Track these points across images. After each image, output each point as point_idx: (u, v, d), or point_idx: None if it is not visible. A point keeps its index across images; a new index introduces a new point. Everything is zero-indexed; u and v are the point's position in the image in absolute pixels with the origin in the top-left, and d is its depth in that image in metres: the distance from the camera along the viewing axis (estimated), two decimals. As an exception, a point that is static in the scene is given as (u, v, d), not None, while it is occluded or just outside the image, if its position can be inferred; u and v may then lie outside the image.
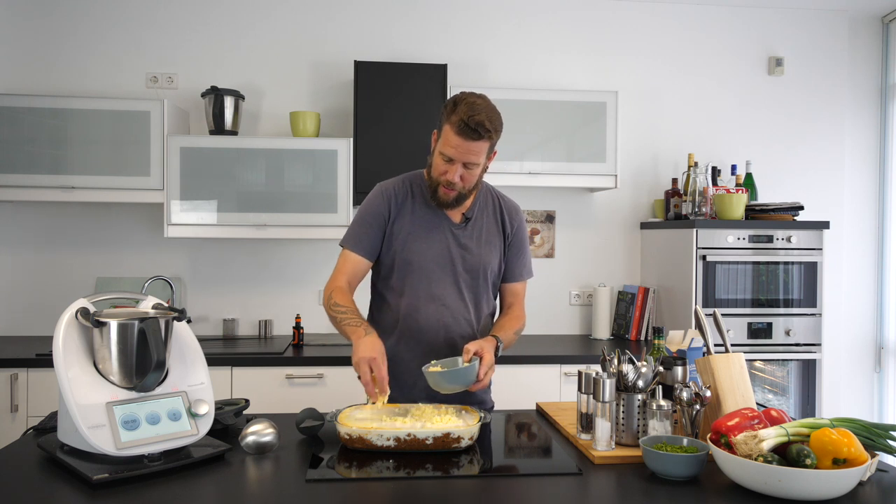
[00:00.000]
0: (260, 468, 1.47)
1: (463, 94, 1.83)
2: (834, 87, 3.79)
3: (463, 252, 1.95)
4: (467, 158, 1.81)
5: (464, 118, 1.76)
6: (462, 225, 1.97)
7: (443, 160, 1.83)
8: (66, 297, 3.34)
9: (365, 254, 1.94)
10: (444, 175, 1.84)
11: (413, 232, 1.93)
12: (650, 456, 1.41)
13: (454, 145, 1.79)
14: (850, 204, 3.84)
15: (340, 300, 1.85)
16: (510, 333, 1.96)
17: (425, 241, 1.93)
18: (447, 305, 1.93)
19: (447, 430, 1.53)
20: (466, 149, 1.79)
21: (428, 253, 1.92)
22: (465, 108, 1.77)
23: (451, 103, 1.81)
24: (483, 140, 1.79)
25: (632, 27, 3.68)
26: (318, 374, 2.95)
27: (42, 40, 3.39)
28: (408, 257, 1.92)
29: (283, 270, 3.53)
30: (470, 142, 1.78)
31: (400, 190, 1.96)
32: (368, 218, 1.94)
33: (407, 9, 3.57)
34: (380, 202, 1.94)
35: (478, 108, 1.77)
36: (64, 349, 1.41)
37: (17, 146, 3.05)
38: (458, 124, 1.77)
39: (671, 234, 3.38)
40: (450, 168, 1.83)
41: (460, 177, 1.84)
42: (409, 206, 1.94)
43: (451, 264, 1.94)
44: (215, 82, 3.42)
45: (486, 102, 1.81)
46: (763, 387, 3.32)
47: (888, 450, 1.42)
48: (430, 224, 1.94)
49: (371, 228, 1.93)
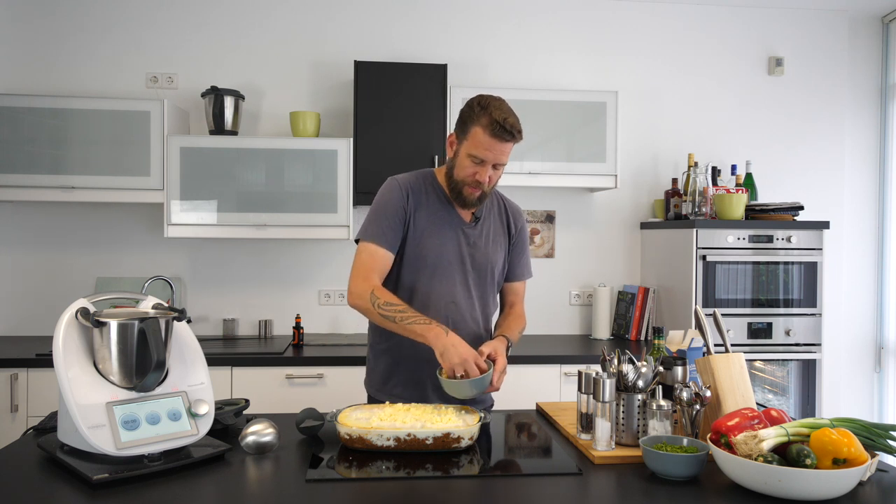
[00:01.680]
0: (260, 468, 1.47)
1: (485, 96, 1.85)
2: (834, 87, 3.79)
3: (472, 250, 1.96)
4: (499, 159, 1.84)
5: (498, 120, 1.78)
6: (472, 224, 1.97)
7: (472, 162, 1.84)
8: (66, 297, 3.34)
9: (391, 248, 1.88)
10: (473, 176, 1.85)
11: (428, 228, 1.92)
12: (650, 456, 1.41)
13: (487, 147, 1.81)
14: (850, 204, 3.84)
15: (390, 299, 1.80)
16: (516, 333, 1.98)
17: (439, 238, 1.92)
18: (456, 303, 1.94)
19: (447, 430, 1.53)
20: (500, 150, 1.82)
21: (441, 250, 1.92)
22: (498, 111, 1.80)
23: (476, 106, 1.82)
24: (514, 141, 1.83)
25: (632, 27, 3.68)
26: (318, 374, 2.95)
27: (42, 40, 3.39)
28: (422, 253, 1.91)
29: (283, 270, 3.53)
30: (503, 143, 1.81)
31: (415, 184, 1.94)
32: (390, 210, 1.89)
33: (407, 9, 3.57)
34: (399, 196, 1.91)
35: (507, 111, 1.82)
36: (64, 349, 1.41)
37: (17, 146, 3.05)
38: (491, 126, 1.79)
39: (671, 234, 3.38)
40: (480, 169, 1.84)
41: (489, 177, 1.86)
42: (424, 202, 1.93)
43: (461, 262, 1.94)
44: (215, 82, 3.42)
45: (508, 105, 1.85)
46: (763, 387, 3.32)
47: (888, 450, 1.42)
48: (443, 221, 1.94)
49: (394, 222, 1.89)
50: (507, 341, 1.88)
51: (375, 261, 1.86)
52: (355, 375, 2.71)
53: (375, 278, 1.84)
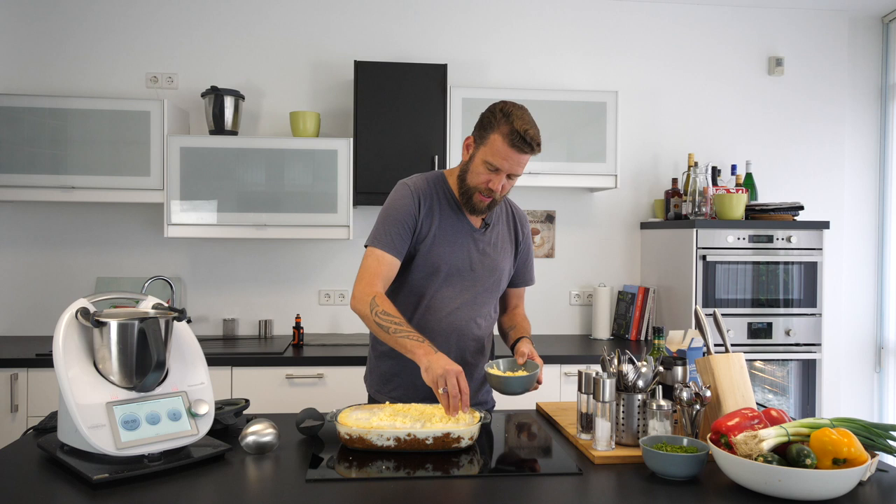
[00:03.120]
0: (260, 468, 1.47)
1: (509, 104, 1.81)
2: (834, 88, 3.79)
3: (482, 257, 1.95)
4: (515, 170, 1.82)
5: (520, 131, 1.76)
6: (482, 230, 1.96)
7: (487, 169, 1.82)
8: (66, 297, 3.35)
9: (398, 255, 1.86)
10: (486, 183, 1.83)
11: (439, 235, 1.90)
12: (650, 456, 1.41)
13: (504, 156, 1.79)
14: (850, 204, 3.84)
15: (389, 309, 1.76)
16: (530, 333, 2.04)
17: (450, 245, 1.91)
18: (461, 309, 1.93)
19: (447, 430, 1.53)
20: (517, 160, 1.80)
21: (452, 257, 1.91)
22: (519, 121, 1.77)
23: (498, 113, 1.79)
24: (532, 153, 1.81)
25: (632, 27, 3.68)
26: (318, 374, 2.95)
27: (42, 40, 3.39)
28: (433, 260, 1.89)
29: (283, 270, 3.53)
30: (522, 154, 1.79)
31: (427, 190, 1.92)
32: (400, 217, 1.86)
33: (407, 9, 3.57)
34: (409, 201, 1.88)
35: (529, 122, 1.79)
36: (64, 349, 1.41)
37: (17, 146, 3.05)
38: (511, 136, 1.76)
39: (671, 234, 3.38)
40: (494, 177, 1.82)
41: (502, 186, 1.84)
42: (436, 207, 1.91)
43: (470, 269, 1.93)
44: (215, 82, 3.42)
45: (531, 115, 1.82)
46: (763, 387, 3.32)
47: (888, 450, 1.42)
48: (454, 228, 1.92)
49: (403, 228, 1.86)
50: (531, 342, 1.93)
51: (381, 267, 1.83)
52: (355, 375, 2.71)
53: (379, 285, 1.82)
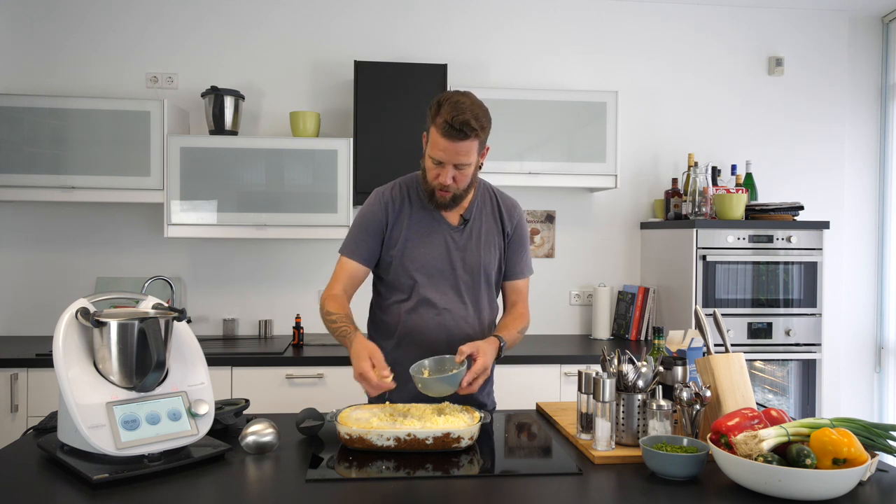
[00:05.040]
0: (260, 468, 1.47)
1: (447, 93, 1.80)
2: (834, 88, 3.79)
3: (462, 254, 1.94)
4: (457, 160, 1.79)
5: (448, 119, 1.73)
6: (460, 227, 1.95)
7: (433, 163, 1.82)
8: (66, 297, 3.34)
9: (362, 261, 1.94)
10: (436, 179, 1.83)
11: (411, 238, 1.92)
12: (650, 456, 1.41)
13: (442, 148, 1.77)
14: (850, 204, 3.84)
15: (333, 308, 1.87)
16: (514, 332, 1.94)
17: (424, 246, 1.92)
18: (448, 309, 1.93)
19: (447, 430, 1.53)
20: (455, 150, 1.77)
21: (427, 258, 1.91)
22: (449, 109, 1.73)
23: (435, 104, 1.79)
24: (470, 139, 1.76)
25: (632, 27, 3.68)
26: (318, 374, 2.95)
27: (42, 40, 3.39)
28: (407, 263, 1.91)
29: (282, 270, 3.53)
30: (457, 142, 1.75)
31: (396, 195, 1.94)
32: (365, 224, 1.93)
33: (407, 9, 3.57)
34: (377, 209, 1.93)
35: (462, 107, 1.73)
36: (64, 349, 1.41)
37: (17, 146, 3.05)
38: (443, 126, 1.74)
39: (671, 234, 3.38)
40: (441, 171, 1.81)
41: (453, 178, 1.82)
42: (406, 211, 1.93)
43: (450, 268, 1.93)
44: (215, 82, 3.42)
45: (470, 100, 1.78)
46: (763, 387, 3.32)
47: (888, 450, 1.42)
48: (428, 228, 1.93)
49: (368, 235, 1.93)
50: (500, 342, 1.84)
51: (343, 272, 1.95)
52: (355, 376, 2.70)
53: (338, 288, 1.93)
